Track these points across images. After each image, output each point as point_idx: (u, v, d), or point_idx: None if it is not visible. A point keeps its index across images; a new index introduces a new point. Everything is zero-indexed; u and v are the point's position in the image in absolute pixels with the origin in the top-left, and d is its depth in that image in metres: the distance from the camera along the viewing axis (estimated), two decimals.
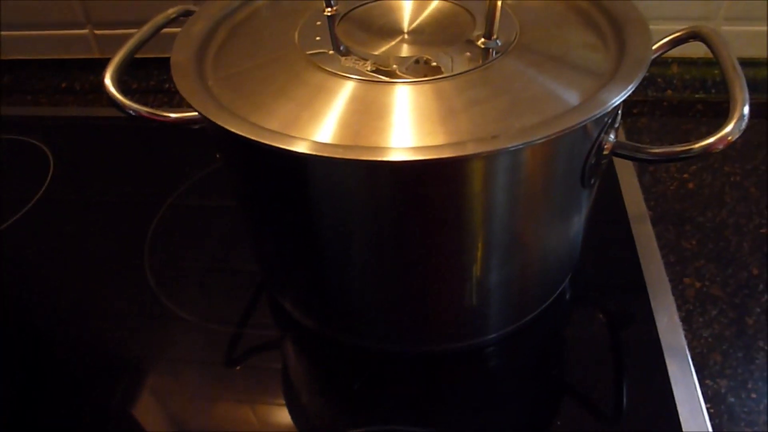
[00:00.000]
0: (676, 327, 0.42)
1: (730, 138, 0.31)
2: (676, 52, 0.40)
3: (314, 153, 0.29)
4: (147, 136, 0.64)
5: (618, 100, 0.29)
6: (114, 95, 0.38)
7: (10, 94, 0.73)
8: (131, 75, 0.72)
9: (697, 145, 0.32)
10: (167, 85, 0.71)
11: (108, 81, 0.38)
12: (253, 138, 0.30)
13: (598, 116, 0.29)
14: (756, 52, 0.62)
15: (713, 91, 0.63)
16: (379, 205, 0.33)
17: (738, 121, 0.32)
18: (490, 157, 0.30)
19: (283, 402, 0.41)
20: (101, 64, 0.72)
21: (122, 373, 0.43)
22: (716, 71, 0.63)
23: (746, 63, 0.37)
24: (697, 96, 0.63)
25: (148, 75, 0.72)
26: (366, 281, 0.38)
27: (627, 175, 0.53)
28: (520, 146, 0.29)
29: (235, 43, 0.40)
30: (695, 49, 0.42)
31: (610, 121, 0.34)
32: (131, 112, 0.38)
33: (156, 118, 0.37)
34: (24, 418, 0.41)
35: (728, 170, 0.54)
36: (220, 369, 0.42)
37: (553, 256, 0.39)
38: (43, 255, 0.52)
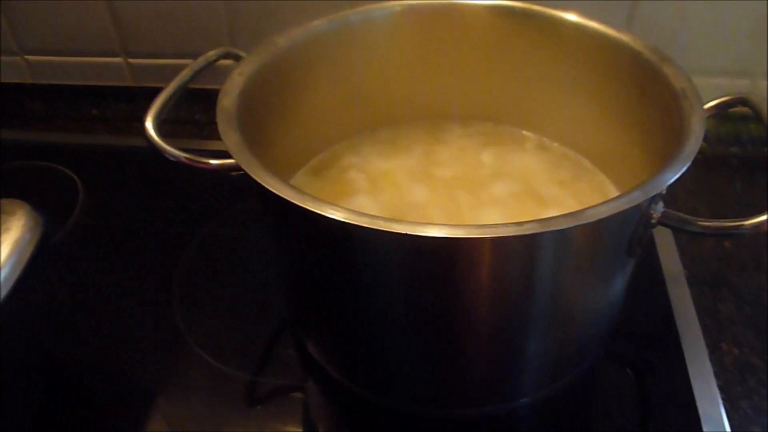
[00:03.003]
0: (714, 396, 0.40)
1: None
2: None
3: (350, 222, 0.28)
4: (178, 166, 0.64)
5: (672, 179, 0.29)
6: (155, 140, 0.38)
7: (41, 119, 0.73)
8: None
9: (748, 222, 0.31)
10: (197, 116, 0.71)
11: (149, 125, 0.38)
12: (292, 201, 0.29)
13: (651, 196, 0.28)
14: None
15: (749, 146, 0.62)
16: (415, 275, 0.32)
17: None
18: (536, 236, 0.29)
19: None
20: (134, 93, 0.74)
21: (135, 404, 0.43)
22: (752, 126, 0.62)
23: None
24: (731, 150, 0.62)
25: (176, 105, 0.72)
26: (397, 341, 0.37)
27: (663, 232, 0.52)
28: (572, 227, 0.28)
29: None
30: None
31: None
32: (171, 158, 0.38)
33: (196, 165, 0.37)
34: None
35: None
36: (240, 407, 0.42)
37: (593, 323, 0.38)
38: (71, 282, 0.52)
